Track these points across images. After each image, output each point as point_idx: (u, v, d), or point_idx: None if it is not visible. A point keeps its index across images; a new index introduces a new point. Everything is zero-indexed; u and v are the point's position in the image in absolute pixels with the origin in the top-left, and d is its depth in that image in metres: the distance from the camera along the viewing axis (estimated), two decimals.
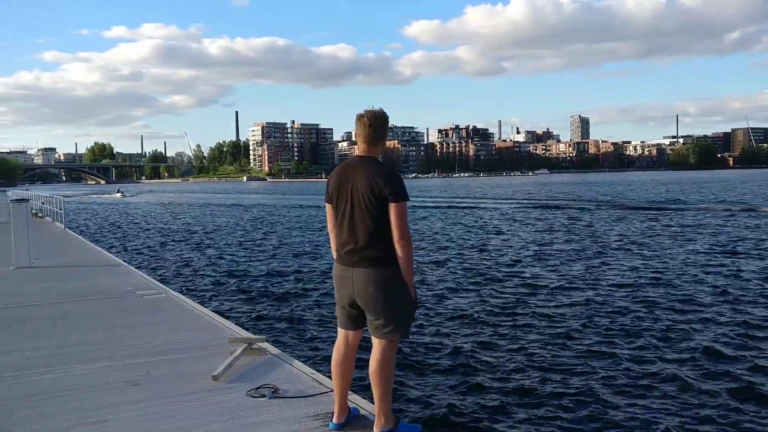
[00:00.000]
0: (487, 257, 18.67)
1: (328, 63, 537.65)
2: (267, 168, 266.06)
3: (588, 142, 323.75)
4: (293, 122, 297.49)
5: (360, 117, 3.82)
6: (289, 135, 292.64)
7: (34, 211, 24.42)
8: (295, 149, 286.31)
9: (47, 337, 6.54)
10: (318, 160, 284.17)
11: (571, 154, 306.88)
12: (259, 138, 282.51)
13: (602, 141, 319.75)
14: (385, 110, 3.86)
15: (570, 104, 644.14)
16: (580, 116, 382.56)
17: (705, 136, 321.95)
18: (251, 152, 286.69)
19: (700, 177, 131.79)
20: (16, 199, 13.81)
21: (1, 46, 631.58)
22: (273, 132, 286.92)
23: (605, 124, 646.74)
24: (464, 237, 24.98)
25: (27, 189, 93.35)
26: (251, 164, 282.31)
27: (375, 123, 3.80)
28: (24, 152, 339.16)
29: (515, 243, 22.28)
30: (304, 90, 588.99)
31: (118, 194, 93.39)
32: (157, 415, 4.28)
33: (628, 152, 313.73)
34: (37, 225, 20.45)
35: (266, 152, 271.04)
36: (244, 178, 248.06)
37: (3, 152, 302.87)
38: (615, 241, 22.23)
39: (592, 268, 16.01)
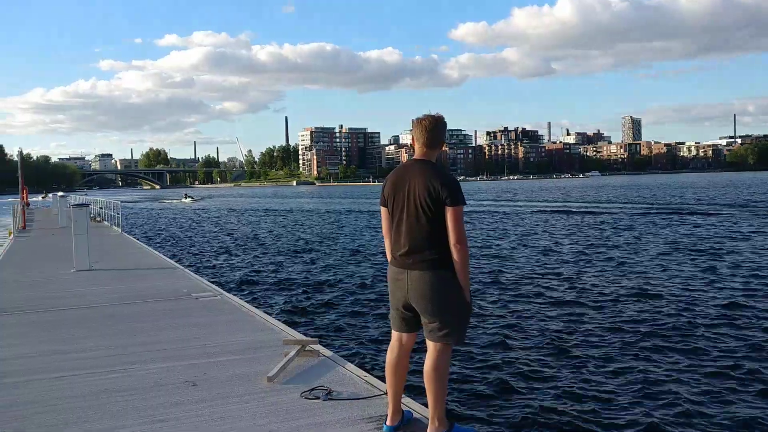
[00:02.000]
0: (558, 263, 18.44)
1: (376, 67, 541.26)
2: (316, 172, 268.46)
3: (640, 144, 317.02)
4: (341, 127, 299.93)
5: (419, 120, 3.83)
6: (337, 139, 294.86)
7: (92, 216, 25.20)
8: (343, 153, 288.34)
9: (109, 337, 6.74)
10: (365, 164, 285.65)
11: (622, 156, 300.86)
12: (308, 143, 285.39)
13: (654, 142, 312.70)
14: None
15: (621, 105, 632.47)
16: (631, 117, 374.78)
17: (765, 136, 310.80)
18: (300, 157, 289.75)
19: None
20: (77, 204, 14.24)
21: (61, 57, 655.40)
22: (321, 136, 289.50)
23: (658, 125, 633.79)
24: (531, 241, 24.73)
25: (85, 194, 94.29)
26: (300, 168, 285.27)
27: (434, 127, 3.81)
28: (82, 158, 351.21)
29: (591, 249, 21.89)
30: (352, 94, 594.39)
31: (188, 199, 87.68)
32: (214, 416, 4.35)
33: (681, 153, 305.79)
34: (96, 229, 21.08)
35: (315, 157, 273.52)
36: (294, 183, 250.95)
37: (63, 158, 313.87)
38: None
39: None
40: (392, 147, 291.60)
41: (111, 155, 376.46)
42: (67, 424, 4.25)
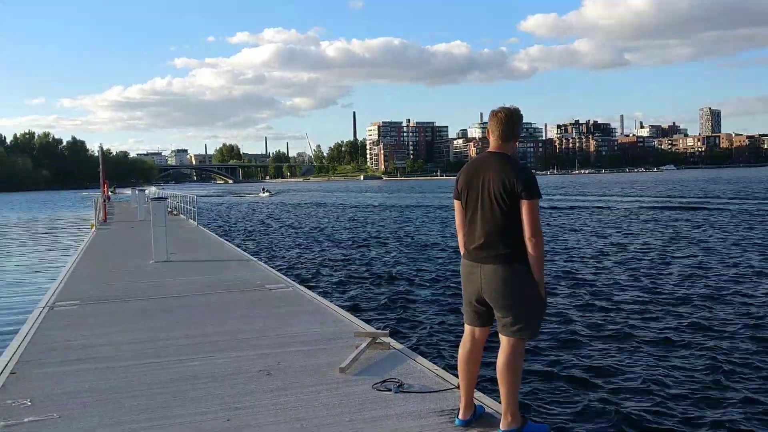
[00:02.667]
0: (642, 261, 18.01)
1: (443, 61, 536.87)
2: (383, 167, 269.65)
3: (719, 136, 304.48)
4: (409, 121, 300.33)
5: (495, 113, 3.82)
6: (405, 134, 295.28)
7: (169, 209, 26.06)
8: (411, 148, 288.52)
9: (188, 326, 6.97)
10: (433, 158, 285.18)
11: (699, 149, 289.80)
12: (376, 137, 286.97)
13: (735, 134, 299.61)
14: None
15: (699, 96, 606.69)
16: (710, 108, 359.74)
17: None
18: (368, 151, 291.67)
19: None
20: (155, 198, 14.75)
21: (138, 55, 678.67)
22: (389, 131, 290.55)
23: (739, 117, 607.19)
24: (606, 237, 24.21)
25: (162, 188, 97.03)
26: (368, 163, 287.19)
27: (510, 119, 3.79)
28: (159, 154, 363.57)
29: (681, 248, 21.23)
30: (420, 88, 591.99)
31: (265, 194, 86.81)
32: (289, 405, 4.44)
33: (766, 146, 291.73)
34: (173, 222, 21.79)
35: (382, 151, 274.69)
36: (361, 177, 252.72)
37: (140, 154, 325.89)
38: None
39: None
40: (460, 141, 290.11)
41: (186, 150, 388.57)
42: (148, 409, 4.43)
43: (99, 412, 4.41)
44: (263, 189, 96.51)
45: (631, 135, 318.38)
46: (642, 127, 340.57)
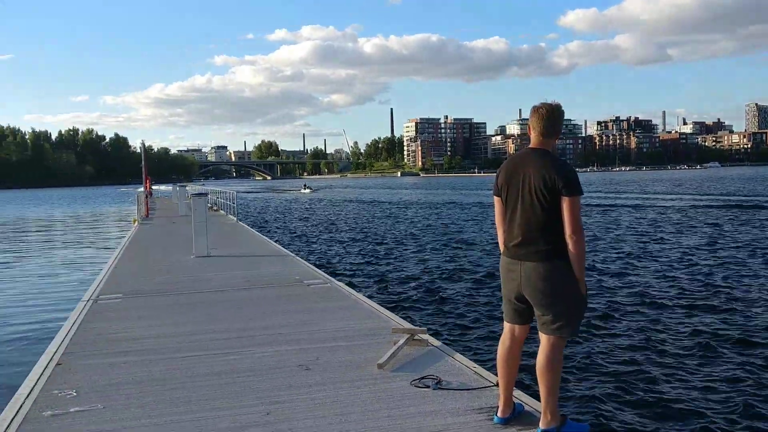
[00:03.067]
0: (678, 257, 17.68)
1: (482, 57, 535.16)
2: (420, 163, 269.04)
3: (766, 133, 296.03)
4: (446, 117, 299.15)
5: (537, 108, 3.78)
6: (442, 130, 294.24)
7: (209, 205, 26.40)
8: (448, 144, 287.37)
9: (228, 320, 7.06)
10: (471, 155, 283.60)
11: (745, 146, 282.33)
12: (413, 134, 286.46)
13: None
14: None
15: (745, 92, 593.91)
16: (756, 104, 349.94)
17: None
18: (405, 148, 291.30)
19: None
20: (196, 194, 14.93)
21: (178, 54, 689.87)
22: (426, 127, 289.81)
23: None
24: (650, 236, 23.81)
25: (202, 184, 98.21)
26: (405, 160, 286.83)
27: (552, 115, 3.75)
28: (199, 150, 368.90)
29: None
30: (457, 85, 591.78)
31: (306, 190, 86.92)
32: (327, 399, 4.46)
33: None
34: (212, 217, 22.06)
35: (420, 148, 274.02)
36: (398, 174, 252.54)
37: (181, 150, 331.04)
38: None
39: None
40: (498, 137, 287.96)
41: (226, 147, 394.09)
42: (190, 402, 4.50)
43: (142, 403, 4.49)
44: (304, 185, 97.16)
45: (673, 132, 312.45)
46: (685, 123, 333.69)
